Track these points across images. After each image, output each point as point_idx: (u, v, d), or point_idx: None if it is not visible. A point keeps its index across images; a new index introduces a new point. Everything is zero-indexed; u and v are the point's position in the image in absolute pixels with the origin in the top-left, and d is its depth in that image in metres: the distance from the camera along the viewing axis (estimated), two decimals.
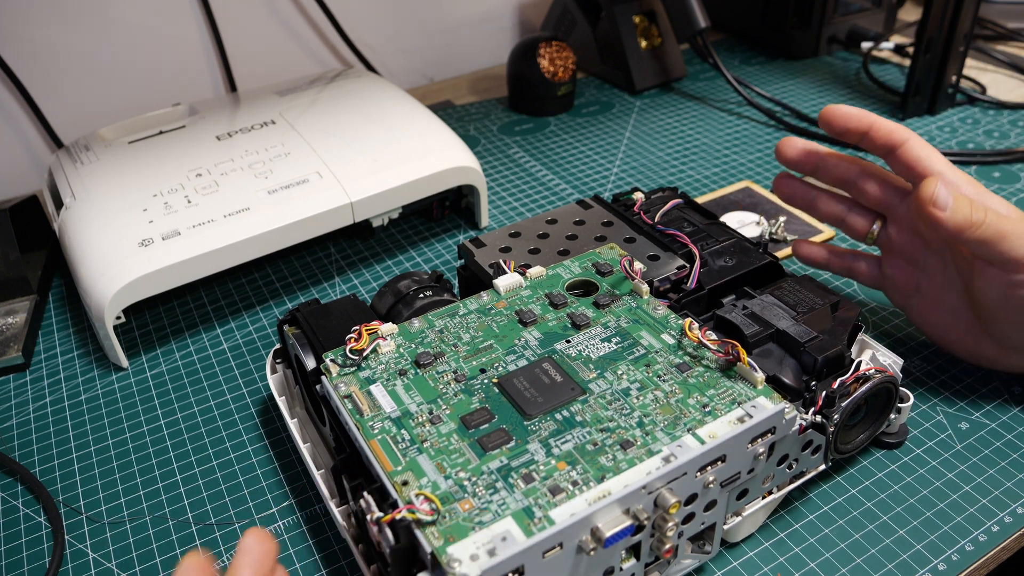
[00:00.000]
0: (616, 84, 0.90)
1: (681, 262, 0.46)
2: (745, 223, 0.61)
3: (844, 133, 0.47)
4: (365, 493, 0.33)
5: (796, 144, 0.49)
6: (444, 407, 0.36)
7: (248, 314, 0.58)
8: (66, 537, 0.43)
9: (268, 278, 0.62)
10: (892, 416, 0.42)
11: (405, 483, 0.32)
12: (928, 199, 0.41)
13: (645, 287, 0.42)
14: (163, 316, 0.59)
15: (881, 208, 0.48)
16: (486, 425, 0.35)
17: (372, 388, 0.37)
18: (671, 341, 0.39)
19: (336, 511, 0.38)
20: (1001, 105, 0.80)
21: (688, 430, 0.34)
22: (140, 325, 0.58)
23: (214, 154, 0.58)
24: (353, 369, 0.38)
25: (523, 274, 0.44)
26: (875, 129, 0.45)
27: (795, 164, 0.49)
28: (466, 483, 0.32)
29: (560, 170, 0.74)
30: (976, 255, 0.42)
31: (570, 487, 0.32)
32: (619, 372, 0.37)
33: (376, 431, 0.35)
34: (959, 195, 0.41)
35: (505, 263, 0.45)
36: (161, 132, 0.62)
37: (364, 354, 0.39)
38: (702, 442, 0.33)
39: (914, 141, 0.44)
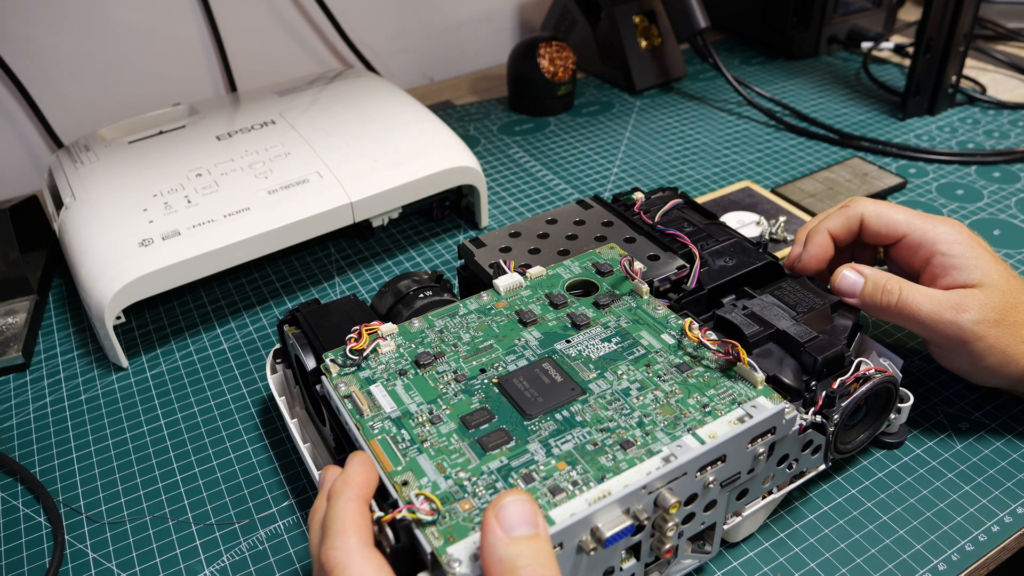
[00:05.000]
0: (616, 84, 0.90)
1: (681, 262, 0.46)
2: (745, 223, 0.61)
3: (823, 266, 0.47)
4: None
5: (808, 260, 0.47)
6: (444, 407, 0.36)
7: (248, 314, 0.58)
8: (66, 537, 0.43)
9: (268, 278, 0.62)
10: (892, 416, 0.42)
11: (405, 483, 0.32)
12: (835, 290, 0.43)
13: (645, 287, 0.42)
14: (163, 316, 0.59)
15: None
16: (486, 425, 0.35)
17: (372, 388, 0.37)
18: (671, 341, 0.39)
19: None
20: (1001, 105, 0.80)
21: (688, 430, 0.34)
22: (140, 325, 0.58)
23: (214, 154, 0.58)
24: (353, 369, 0.38)
25: (523, 274, 0.44)
26: (834, 234, 0.46)
27: (820, 265, 0.47)
28: (466, 483, 0.32)
29: (560, 170, 0.74)
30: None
31: (570, 487, 0.32)
32: (619, 372, 0.37)
33: (376, 431, 0.35)
34: (872, 276, 0.42)
35: (505, 263, 0.45)
36: (161, 132, 0.62)
37: (364, 354, 0.39)
38: (702, 442, 0.33)
39: (868, 218, 0.45)
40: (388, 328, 0.40)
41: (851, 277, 0.43)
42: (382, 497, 0.33)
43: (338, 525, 0.29)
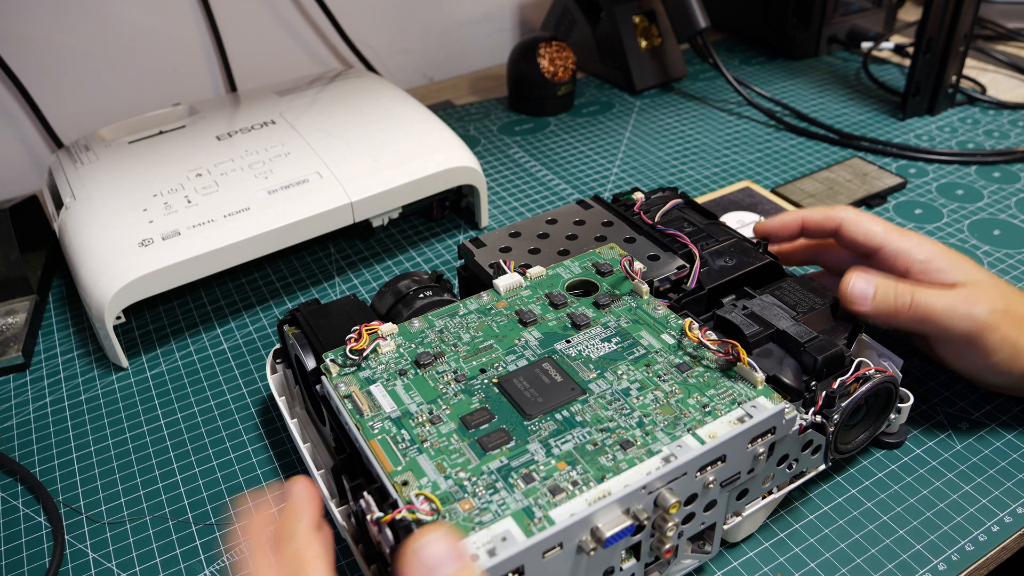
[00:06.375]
0: (616, 84, 0.90)
1: (681, 262, 0.46)
2: (745, 223, 0.61)
3: (783, 240, 0.49)
4: (365, 493, 0.33)
5: (771, 223, 0.49)
6: (444, 407, 0.36)
7: (248, 314, 0.58)
8: (66, 537, 0.43)
9: (268, 278, 0.62)
10: (892, 416, 0.42)
11: (405, 483, 0.32)
12: (846, 299, 0.42)
13: (645, 287, 0.42)
14: (163, 316, 0.59)
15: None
16: (486, 425, 0.35)
17: (372, 388, 0.37)
18: (671, 341, 0.39)
19: (336, 511, 0.38)
20: (1001, 105, 0.80)
21: (688, 430, 0.34)
22: (140, 325, 0.58)
23: (214, 154, 0.58)
24: (353, 369, 0.38)
25: (523, 274, 0.44)
26: (807, 222, 0.47)
27: (780, 237, 0.49)
28: (466, 483, 0.32)
29: (560, 170, 0.74)
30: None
31: (570, 487, 0.32)
32: (619, 372, 0.37)
33: (376, 431, 0.35)
34: (882, 282, 0.41)
35: (505, 263, 0.45)
36: (161, 132, 0.62)
37: (364, 354, 0.39)
38: (702, 442, 0.33)
39: (848, 223, 0.45)
40: (388, 328, 0.40)
41: (861, 283, 0.41)
42: (382, 497, 0.33)
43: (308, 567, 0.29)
